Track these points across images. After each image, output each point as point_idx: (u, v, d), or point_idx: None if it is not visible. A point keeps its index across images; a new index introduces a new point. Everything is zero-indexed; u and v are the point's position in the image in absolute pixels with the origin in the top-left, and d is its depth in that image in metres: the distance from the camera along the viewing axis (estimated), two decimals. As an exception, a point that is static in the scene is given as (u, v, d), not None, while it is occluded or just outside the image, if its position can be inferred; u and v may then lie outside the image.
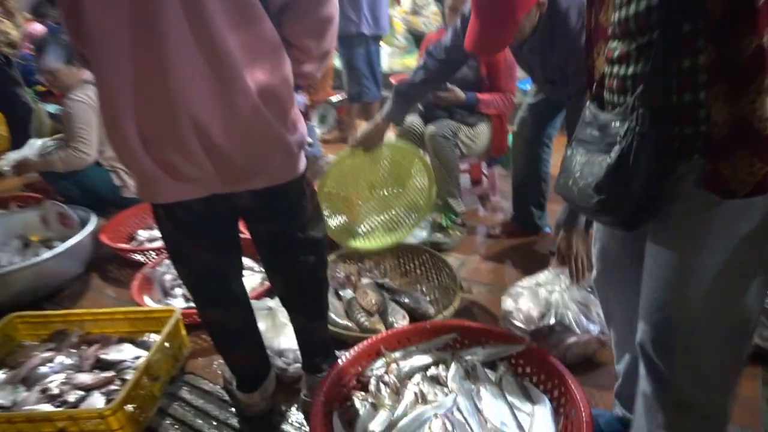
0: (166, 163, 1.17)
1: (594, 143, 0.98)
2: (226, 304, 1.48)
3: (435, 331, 1.77)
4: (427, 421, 1.45)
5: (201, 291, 1.46)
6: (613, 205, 0.94)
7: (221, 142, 1.15)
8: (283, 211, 1.35)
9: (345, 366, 1.61)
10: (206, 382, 1.82)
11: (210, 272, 1.40)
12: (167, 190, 1.22)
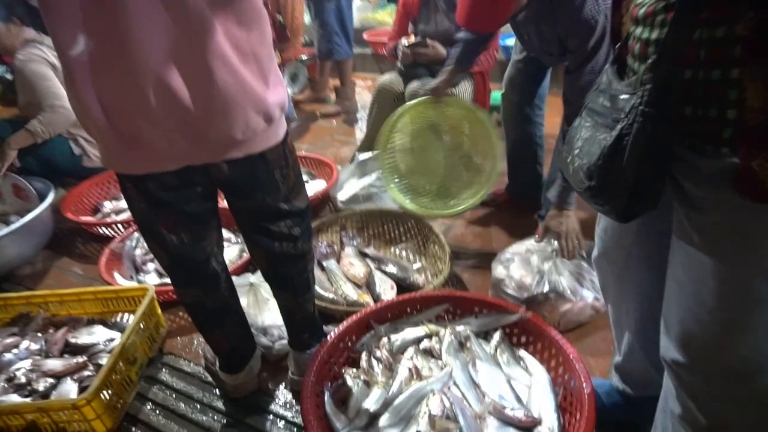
0: (131, 134, 1.05)
1: (603, 115, 0.86)
2: (205, 282, 1.37)
3: (426, 302, 1.70)
4: (424, 397, 1.40)
5: (178, 270, 1.35)
6: (605, 193, 0.84)
7: (192, 108, 1.02)
8: (265, 182, 1.24)
9: (334, 342, 1.54)
10: (187, 362, 1.73)
11: (187, 250, 1.29)
12: (134, 162, 1.11)
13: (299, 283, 1.46)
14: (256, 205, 1.28)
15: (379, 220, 2.24)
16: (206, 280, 1.37)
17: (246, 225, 1.36)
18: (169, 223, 1.24)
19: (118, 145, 1.07)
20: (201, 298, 1.39)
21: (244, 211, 1.33)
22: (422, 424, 1.33)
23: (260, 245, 1.37)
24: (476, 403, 1.40)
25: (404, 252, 2.17)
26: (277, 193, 1.28)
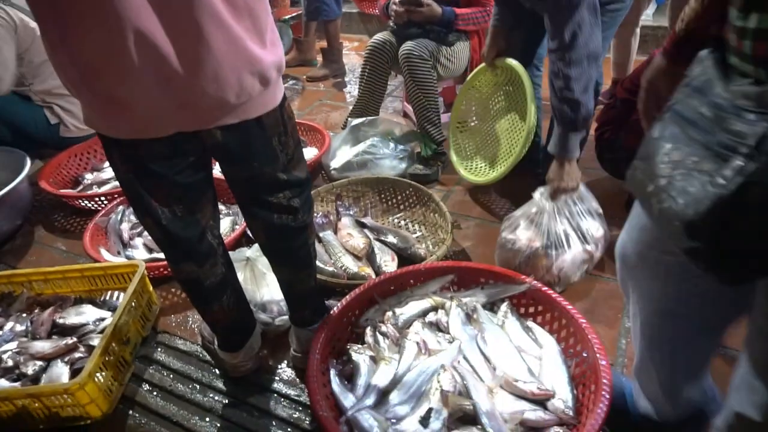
0: (111, 96, 0.95)
1: (702, 130, 0.61)
2: (201, 257, 1.29)
3: (431, 274, 1.65)
4: (434, 373, 1.36)
5: (172, 245, 1.26)
6: (713, 258, 0.62)
7: (179, 68, 0.93)
8: (262, 150, 1.16)
9: (337, 317, 1.48)
10: (182, 341, 1.66)
11: (181, 224, 1.21)
12: (118, 125, 1.02)
13: (300, 257, 1.39)
14: (253, 175, 1.20)
15: (376, 188, 2.16)
16: (202, 255, 1.29)
17: (242, 196, 1.28)
18: (161, 195, 1.15)
19: (100, 107, 0.98)
20: (197, 274, 1.31)
21: (241, 182, 1.24)
22: (434, 400, 1.29)
23: (258, 218, 1.29)
24: (487, 376, 1.36)
25: (403, 221, 2.10)
26: (275, 162, 1.19)
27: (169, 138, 1.03)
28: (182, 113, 1.00)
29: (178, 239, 1.24)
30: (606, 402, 1.19)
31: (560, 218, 1.72)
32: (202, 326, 1.65)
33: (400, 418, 1.28)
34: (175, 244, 1.26)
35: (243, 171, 1.19)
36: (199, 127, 1.05)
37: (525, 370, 1.37)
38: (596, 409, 1.19)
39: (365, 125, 2.44)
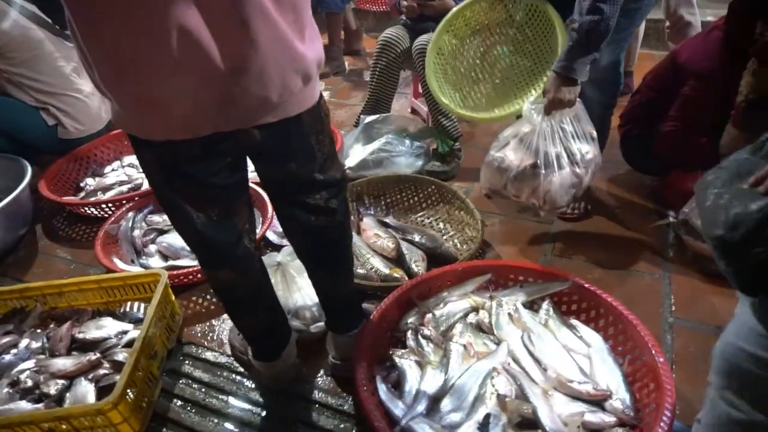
0: (148, 98, 0.89)
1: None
2: (238, 263, 1.22)
3: (468, 273, 1.60)
4: (486, 377, 1.31)
5: (207, 251, 1.20)
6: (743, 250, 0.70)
7: (221, 65, 0.87)
8: (299, 148, 1.10)
9: (377, 322, 1.42)
10: (210, 352, 1.59)
11: (217, 228, 1.14)
12: (151, 126, 0.95)
13: (339, 260, 1.33)
14: (290, 176, 1.13)
15: (396, 186, 2.10)
16: (239, 261, 1.22)
17: (278, 198, 1.22)
18: (196, 198, 1.08)
19: (134, 107, 0.91)
20: (233, 281, 1.25)
21: (277, 183, 1.18)
22: (490, 405, 1.24)
23: (295, 220, 1.22)
24: (539, 378, 1.32)
25: (426, 220, 2.05)
26: (313, 161, 1.13)
27: (206, 138, 0.97)
28: (221, 113, 0.94)
29: (213, 244, 1.17)
30: (670, 401, 1.15)
31: (552, 137, 1.65)
32: (231, 336, 1.58)
33: (456, 426, 1.23)
34: (211, 249, 1.19)
35: (280, 171, 1.13)
36: (237, 126, 0.98)
37: (577, 370, 1.33)
38: (662, 407, 1.15)
39: (378, 122, 2.38)
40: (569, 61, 1.54)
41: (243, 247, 1.21)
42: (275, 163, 1.11)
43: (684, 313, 1.59)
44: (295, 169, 1.11)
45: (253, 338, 1.40)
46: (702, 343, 1.50)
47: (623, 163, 2.25)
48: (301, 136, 1.08)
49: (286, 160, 1.10)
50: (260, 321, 1.35)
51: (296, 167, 1.11)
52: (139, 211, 2.08)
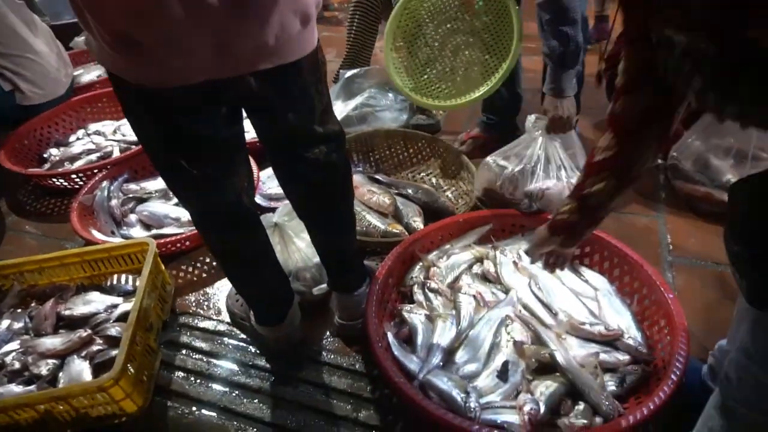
0: (137, 39, 0.80)
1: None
2: (240, 224, 1.16)
3: (469, 225, 1.57)
4: (500, 325, 1.30)
5: (207, 212, 1.13)
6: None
7: (219, 4, 0.79)
8: (300, 98, 1.02)
9: (383, 278, 1.38)
10: (208, 321, 1.52)
11: (216, 187, 1.07)
12: (141, 71, 0.86)
13: (343, 217, 1.28)
14: (289, 129, 1.06)
15: (385, 142, 2.03)
16: (242, 221, 1.16)
17: (278, 155, 1.15)
18: (193, 154, 1.00)
19: (122, 49, 0.83)
20: (236, 244, 1.18)
21: (276, 138, 1.11)
22: (508, 353, 1.23)
23: (296, 177, 1.16)
24: (550, 323, 1.32)
25: (418, 175, 2.00)
26: (312, 113, 1.06)
27: (199, 87, 0.88)
28: (216, 57, 0.86)
29: (213, 205, 1.10)
30: (684, 336, 1.16)
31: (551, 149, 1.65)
32: (230, 303, 1.51)
33: (474, 375, 1.22)
34: (211, 211, 1.12)
35: (278, 124, 1.05)
36: (233, 73, 0.90)
37: (587, 313, 1.33)
38: (677, 341, 1.16)
39: (359, 77, 2.28)
40: (555, 82, 1.55)
41: (244, 208, 1.15)
42: (273, 115, 1.03)
43: (682, 252, 1.61)
44: (293, 121, 1.04)
45: (257, 303, 1.35)
46: (703, 278, 1.52)
47: (605, 108, 2.24)
48: (300, 84, 1.00)
49: (284, 112, 1.02)
50: (265, 283, 1.30)
51: (295, 119, 1.04)
52: (114, 180, 1.96)
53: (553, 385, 1.15)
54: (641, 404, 1.10)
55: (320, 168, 1.14)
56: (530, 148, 1.64)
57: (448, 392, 1.14)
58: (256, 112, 1.04)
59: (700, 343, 1.30)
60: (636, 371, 1.20)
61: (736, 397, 0.82)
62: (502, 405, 1.14)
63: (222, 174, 1.06)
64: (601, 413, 1.11)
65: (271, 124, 1.07)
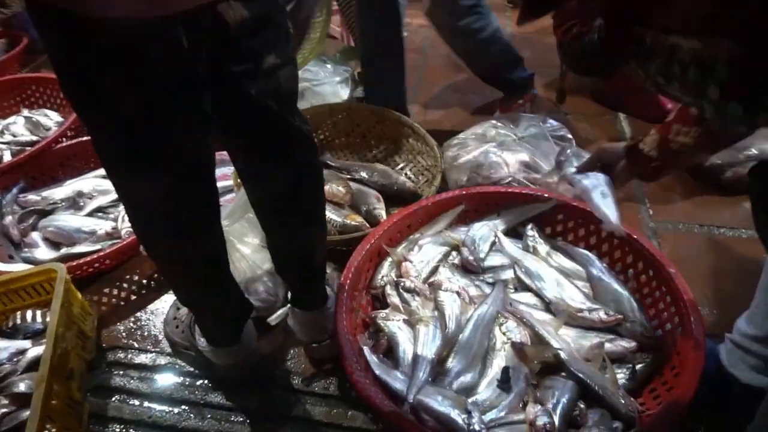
0: None
1: None
2: (207, 220, 0.93)
3: (439, 207, 1.38)
4: (492, 325, 1.13)
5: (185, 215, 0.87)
6: None
7: None
8: (284, 35, 0.84)
9: (350, 282, 1.18)
10: (144, 354, 1.27)
11: (188, 170, 0.82)
12: None
13: (319, 220, 1.08)
14: (268, 117, 0.86)
15: (329, 119, 1.79)
16: (208, 216, 0.93)
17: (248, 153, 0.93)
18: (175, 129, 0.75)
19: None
20: (199, 249, 0.94)
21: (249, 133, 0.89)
22: (507, 357, 1.07)
23: (268, 177, 0.95)
24: (547, 317, 1.17)
25: (370, 153, 1.79)
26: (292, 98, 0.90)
27: (178, 18, 0.64)
28: None
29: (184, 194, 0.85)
30: (696, 313, 1.04)
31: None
32: (168, 330, 1.27)
33: (471, 387, 1.05)
34: (189, 212, 0.87)
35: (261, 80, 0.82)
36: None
37: (582, 297, 1.19)
38: (688, 320, 1.04)
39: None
40: None
41: (215, 202, 0.93)
42: (257, 63, 0.80)
43: (664, 217, 1.51)
44: (278, 69, 0.83)
45: (214, 319, 1.11)
46: (689, 243, 1.43)
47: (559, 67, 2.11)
48: (280, 12, 0.83)
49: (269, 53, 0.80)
50: (224, 296, 1.07)
51: (279, 67, 0.83)
52: (6, 191, 1.62)
53: (564, 390, 1.00)
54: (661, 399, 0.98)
55: (301, 146, 0.95)
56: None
57: (446, 414, 0.97)
58: (238, 58, 0.78)
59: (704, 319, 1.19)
60: (646, 359, 1.08)
61: None
62: (510, 421, 0.98)
63: (198, 153, 0.82)
64: (621, 417, 0.98)
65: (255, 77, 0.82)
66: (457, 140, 1.64)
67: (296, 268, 1.11)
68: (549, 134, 1.56)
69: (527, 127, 1.61)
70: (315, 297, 1.15)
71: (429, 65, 2.32)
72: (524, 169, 1.49)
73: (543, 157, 1.52)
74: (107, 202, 1.60)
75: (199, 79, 0.74)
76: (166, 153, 0.77)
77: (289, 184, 0.95)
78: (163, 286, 1.41)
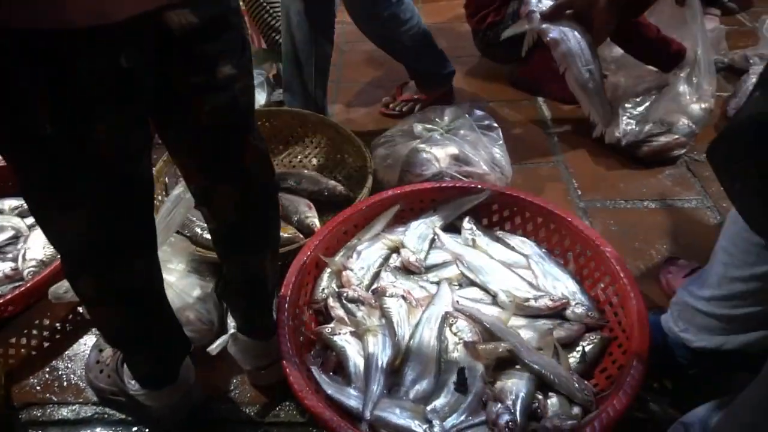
0: None
1: None
2: (147, 239, 0.83)
3: (374, 210, 1.34)
4: (443, 326, 1.10)
5: (112, 228, 0.75)
6: None
7: None
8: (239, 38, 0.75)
9: (290, 299, 1.11)
10: (66, 408, 1.13)
11: (136, 184, 0.75)
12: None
13: (275, 233, 1.01)
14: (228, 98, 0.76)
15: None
16: (148, 235, 0.83)
17: (202, 170, 0.84)
18: (106, 135, 0.64)
19: None
20: (141, 276, 0.85)
21: (204, 147, 0.80)
22: (461, 358, 1.04)
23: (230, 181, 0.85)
24: (492, 309, 1.16)
25: (295, 159, 1.71)
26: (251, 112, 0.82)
27: (124, 25, 0.57)
28: None
29: (126, 211, 0.76)
30: (636, 289, 1.06)
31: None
32: (91, 376, 1.14)
33: (428, 395, 1.01)
34: (130, 233, 0.78)
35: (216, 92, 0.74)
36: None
37: (527, 286, 1.18)
38: (628, 297, 1.05)
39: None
40: None
41: (150, 213, 0.83)
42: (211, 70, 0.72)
43: (592, 195, 1.55)
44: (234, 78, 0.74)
45: (148, 358, 0.98)
46: (618, 218, 1.47)
47: (476, 56, 2.13)
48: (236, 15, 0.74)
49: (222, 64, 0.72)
50: (164, 329, 0.97)
51: (231, 122, 0.78)
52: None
53: (521, 384, 0.99)
54: (613, 378, 1.00)
55: (259, 159, 0.87)
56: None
57: (407, 427, 0.93)
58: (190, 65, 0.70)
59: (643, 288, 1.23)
60: (594, 340, 1.09)
61: None
62: (471, 424, 0.95)
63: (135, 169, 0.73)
64: (577, 401, 0.97)
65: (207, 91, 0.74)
66: (384, 138, 1.60)
67: (249, 296, 1.02)
68: (475, 124, 1.55)
69: (453, 119, 1.60)
70: (267, 325, 1.06)
71: (347, 62, 2.27)
72: (455, 163, 1.47)
73: (472, 149, 1.51)
74: (3, 240, 1.43)
75: (138, 94, 0.65)
76: (94, 177, 0.68)
77: (245, 207, 0.88)
78: (81, 327, 1.28)
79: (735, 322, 0.91)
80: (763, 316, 0.88)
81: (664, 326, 1.06)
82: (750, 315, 0.88)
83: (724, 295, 0.89)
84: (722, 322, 0.93)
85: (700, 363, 1.02)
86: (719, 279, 0.90)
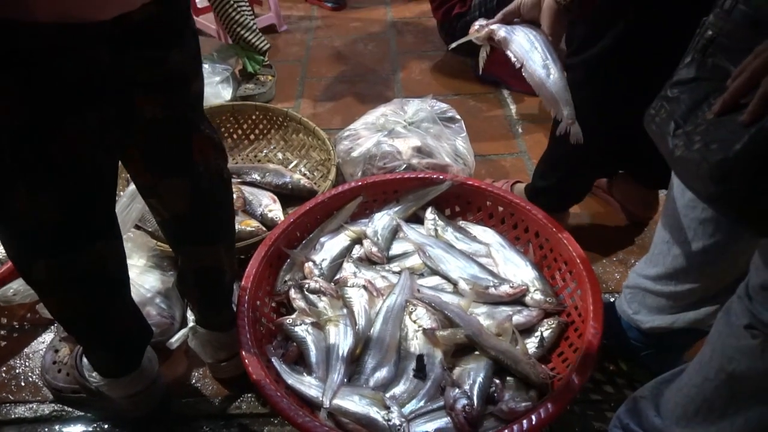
0: None
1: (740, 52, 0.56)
2: (110, 222, 0.83)
3: (336, 202, 1.34)
4: (402, 314, 1.11)
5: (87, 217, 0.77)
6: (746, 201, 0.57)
7: None
8: (185, 40, 0.74)
9: (251, 292, 1.11)
10: (23, 406, 1.11)
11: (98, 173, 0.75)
12: None
13: (231, 226, 1.01)
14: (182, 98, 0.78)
15: (214, 121, 1.64)
16: (111, 218, 0.83)
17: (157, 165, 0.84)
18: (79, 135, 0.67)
19: None
20: (103, 257, 0.83)
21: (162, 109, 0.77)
22: (420, 345, 1.06)
23: (177, 189, 0.86)
24: (452, 293, 1.17)
25: (260, 153, 1.70)
26: (200, 102, 0.84)
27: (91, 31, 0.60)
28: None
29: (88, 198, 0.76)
30: (591, 275, 1.09)
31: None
32: (48, 377, 1.12)
33: (388, 382, 1.02)
34: (84, 208, 0.77)
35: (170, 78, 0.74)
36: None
37: (487, 274, 1.20)
38: (584, 282, 1.08)
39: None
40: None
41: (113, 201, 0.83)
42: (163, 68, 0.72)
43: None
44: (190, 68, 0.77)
45: (109, 344, 0.96)
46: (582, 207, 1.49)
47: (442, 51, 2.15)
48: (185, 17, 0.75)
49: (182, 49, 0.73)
50: (126, 311, 0.95)
51: (183, 113, 0.79)
52: None
53: (478, 369, 1.00)
54: (569, 362, 1.02)
55: (211, 151, 0.86)
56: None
57: (365, 414, 0.94)
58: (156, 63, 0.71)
59: (599, 276, 1.26)
60: (552, 325, 1.11)
61: None
62: (429, 410, 0.96)
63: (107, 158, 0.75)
64: (533, 383, 0.99)
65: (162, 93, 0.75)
66: (348, 132, 1.61)
67: (204, 287, 1.02)
68: (438, 117, 1.57)
69: (416, 111, 1.61)
70: (225, 317, 1.06)
71: (312, 57, 2.26)
72: (417, 155, 1.48)
73: (434, 141, 1.52)
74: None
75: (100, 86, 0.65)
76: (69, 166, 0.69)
77: (199, 198, 0.87)
78: (40, 325, 1.26)
79: (682, 300, 0.94)
80: (706, 290, 0.91)
81: (618, 309, 1.08)
82: (694, 290, 0.91)
83: (668, 273, 0.92)
84: (670, 300, 0.96)
85: (652, 344, 1.05)
86: (663, 257, 0.92)
